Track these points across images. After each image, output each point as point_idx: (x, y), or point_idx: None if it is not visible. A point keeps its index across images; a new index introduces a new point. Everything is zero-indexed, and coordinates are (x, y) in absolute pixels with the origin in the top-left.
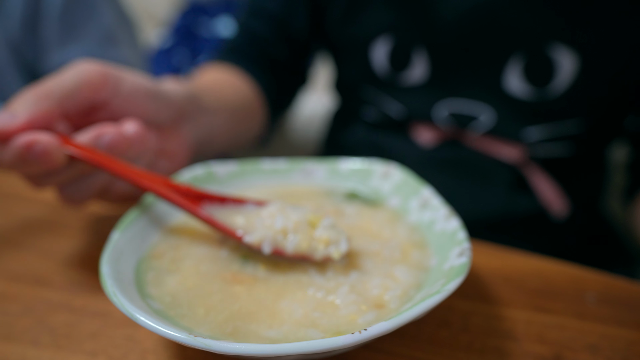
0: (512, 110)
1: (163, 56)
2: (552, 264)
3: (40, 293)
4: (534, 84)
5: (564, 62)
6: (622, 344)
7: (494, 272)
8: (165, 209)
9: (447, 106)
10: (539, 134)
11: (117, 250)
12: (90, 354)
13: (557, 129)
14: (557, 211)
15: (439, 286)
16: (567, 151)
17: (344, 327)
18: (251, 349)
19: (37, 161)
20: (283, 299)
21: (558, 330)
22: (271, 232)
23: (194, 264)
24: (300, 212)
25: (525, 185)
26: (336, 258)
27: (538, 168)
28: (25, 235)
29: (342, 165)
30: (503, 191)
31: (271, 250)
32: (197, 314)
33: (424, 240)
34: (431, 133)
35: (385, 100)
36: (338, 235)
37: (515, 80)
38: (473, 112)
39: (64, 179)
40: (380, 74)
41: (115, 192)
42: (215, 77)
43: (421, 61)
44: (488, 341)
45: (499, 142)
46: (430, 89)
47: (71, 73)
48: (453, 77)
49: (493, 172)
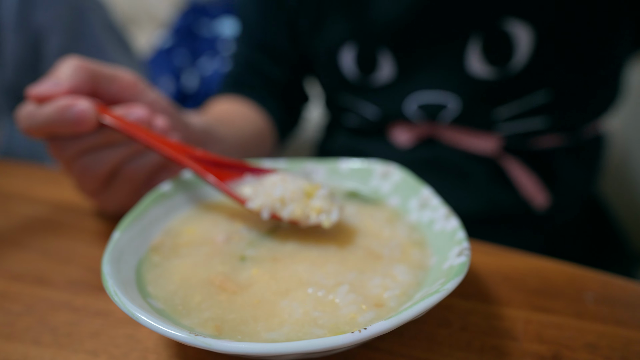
0: (477, 93)
1: (163, 56)
2: (551, 264)
3: (41, 292)
4: (495, 63)
5: (521, 37)
6: (620, 343)
7: (493, 272)
8: (166, 209)
9: (416, 100)
10: (508, 113)
11: (118, 250)
12: (91, 353)
13: (526, 104)
14: (539, 203)
15: (438, 285)
16: (541, 125)
17: (344, 326)
18: (252, 348)
19: (74, 120)
20: (283, 298)
21: (557, 329)
22: (270, 199)
23: (194, 264)
24: (299, 183)
25: (504, 178)
26: (326, 226)
27: (515, 159)
28: (27, 235)
29: (342, 165)
30: (483, 186)
31: (269, 216)
32: (198, 313)
33: (423, 240)
34: (407, 132)
35: (360, 104)
36: (331, 205)
37: (476, 63)
38: (440, 101)
39: (87, 146)
40: (351, 80)
41: (127, 171)
42: (227, 108)
43: (386, 61)
44: (487, 340)
45: (472, 134)
46: (399, 85)
47: (111, 67)
48: (419, 71)
49: (471, 167)
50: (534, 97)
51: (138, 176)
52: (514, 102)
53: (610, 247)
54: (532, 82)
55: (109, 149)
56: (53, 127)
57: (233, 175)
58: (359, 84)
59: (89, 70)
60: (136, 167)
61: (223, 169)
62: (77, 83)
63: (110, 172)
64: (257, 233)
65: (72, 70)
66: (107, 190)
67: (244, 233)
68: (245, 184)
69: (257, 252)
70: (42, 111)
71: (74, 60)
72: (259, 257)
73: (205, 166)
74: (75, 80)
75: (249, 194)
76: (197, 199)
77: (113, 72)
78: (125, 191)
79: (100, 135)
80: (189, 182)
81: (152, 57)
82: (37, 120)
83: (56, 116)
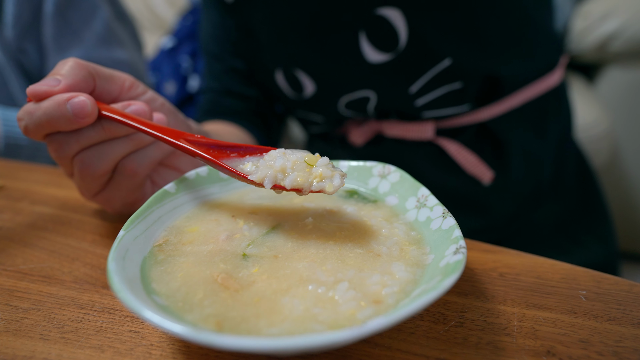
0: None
1: (166, 56)
2: (545, 262)
3: (48, 290)
4: (386, 49)
5: (397, 21)
6: (612, 339)
7: (488, 270)
8: (169, 208)
9: (343, 102)
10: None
11: (123, 248)
12: (97, 349)
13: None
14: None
15: (435, 283)
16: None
17: (344, 322)
18: (254, 344)
19: (73, 113)
20: (284, 295)
21: (551, 325)
22: (272, 170)
23: (197, 261)
24: (299, 154)
25: (447, 161)
26: (329, 191)
27: (451, 141)
28: (34, 234)
29: (342, 165)
30: (428, 172)
31: (272, 186)
32: (200, 310)
33: (421, 238)
34: (359, 133)
35: (311, 115)
36: (333, 172)
37: (372, 53)
38: (361, 95)
39: (87, 141)
40: (291, 97)
41: (128, 167)
42: (214, 125)
43: (305, 79)
44: (483, 336)
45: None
46: (324, 95)
47: (110, 69)
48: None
49: (412, 153)
50: (437, 69)
51: (139, 171)
52: (421, 78)
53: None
54: (427, 57)
55: (109, 145)
56: (52, 122)
57: (233, 157)
58: (298, 100)
59: (88, 68)
60: (137, 162)
61: (223, 151)
62: (75, 80)
63: (111, 168)
64: (259, 232)
65: (71, 68)
66: (109, 187)
67: (246, 232)
68: (246, 162)
69: (258, 251)
70: (41, 106)
71: (73, 60)
72: (260, 255)
73: (205, 149)
74: (74, 77)
75: (250, 169)
76: (200, 198)
77: (111, 72)
78: (127, 187)
79: (100, 130)
80: (193, 182)
81: (156, 57)
82: (36, 116)
83: (55, 110)
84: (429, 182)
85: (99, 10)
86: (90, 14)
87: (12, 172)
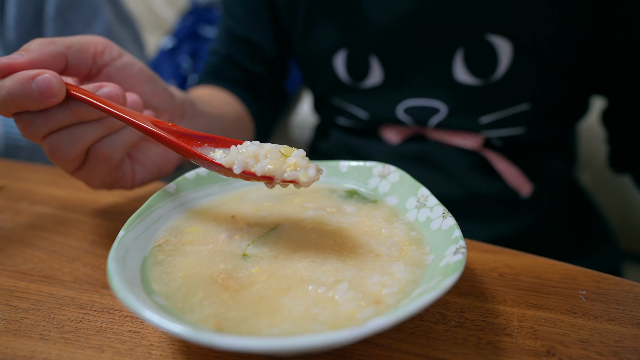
0: (462, 100)
1: (165, 56)
2: (545, 262)
3: (48, 290)
4: (478, 75)
5: (502, 51)
6: (612, 339)
7: (488, 270)
8: (169, 208)
9: (405, 106)
10: (490, 120)
11: (123, 248)
12: (97, 349)
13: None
14: (524, 191)
15: (435, 283)
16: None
17: (344, 323)
18: (254, 344)
19: (38, 91)
20: (284, 296)
21: (551, 325)
22: (242, 156)
23: (197, 262)
24: (275, 145)
25: (488, 169)
26: (302, 181)
27: (496, 153)
28: (34, 234)
29: (342, 165)
30: (467, 176)
31: (241, 171)
32: (200, 310)
33: (421, 238)
34: (396, 133)
35: (351, 108)
36: (308, 163)
37: (462, 73)
38: (428, 104)
39: (56, 123)
40: (343, 84)
41: (100, 152)
42: (207, 92)
43: (376, 68)
44: (483, 336)
45: (456, 135)
46: (388, 91)
47: (78, 36)
48: (407, 78)
49: (455, 160)
50: (514, 109)
51: (112, 156)
52: (497, 112)
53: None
54: (513, 95)
55: (79, 128)
56: (17, 100)
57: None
58: (350, 89)
59: (56, 43)
60: (110, 147)
61: (194, 139)
62: (41, 55)
63: (82, 152)
64: (259, 232)
65: (38, 44)
66: (84, 169)
67: (246, 232)
68: (217, 150)
69: (258, 251)
70: (5, 83)
71: (43, 38)
72: (260, 255)
73: (177, 137)
74: (39, 52)
75: (220, 156)
76: (200, 198)
77: (80, 39)
78: (102, 171)
79: (68, 112)
80: (193, 182)
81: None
82: (1, 95)
83: (18, 88)
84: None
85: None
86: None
87: (12, 172)
